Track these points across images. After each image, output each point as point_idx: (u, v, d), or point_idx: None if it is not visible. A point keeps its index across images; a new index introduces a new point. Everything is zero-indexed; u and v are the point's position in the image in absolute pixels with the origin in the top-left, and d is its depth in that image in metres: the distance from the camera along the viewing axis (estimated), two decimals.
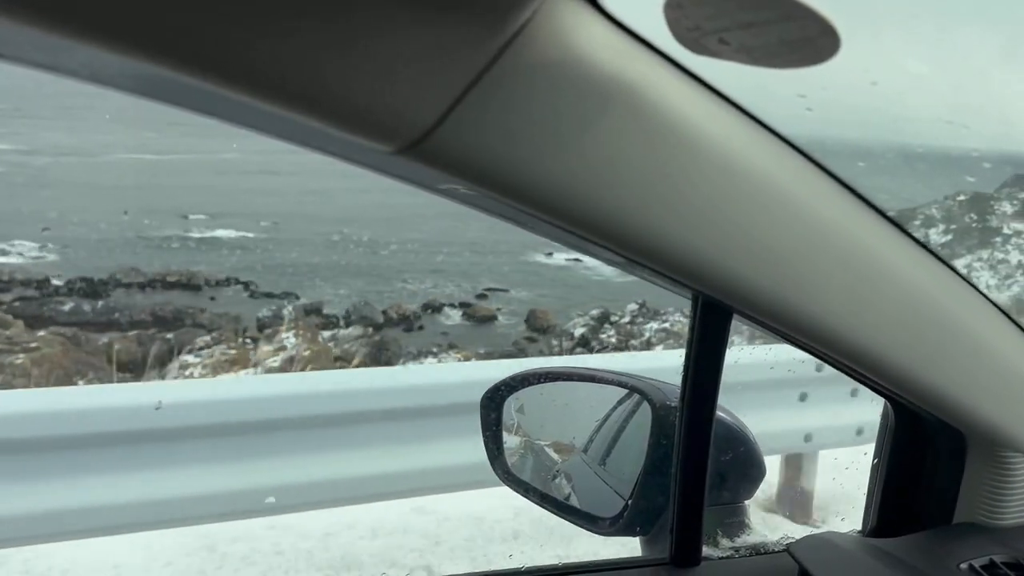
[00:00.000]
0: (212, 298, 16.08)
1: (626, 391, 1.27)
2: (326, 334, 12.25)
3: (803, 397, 3.97)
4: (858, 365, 0.90)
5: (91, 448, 2.84)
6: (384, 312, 15.72)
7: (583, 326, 15.43)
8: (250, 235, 20.18)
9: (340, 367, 9.41)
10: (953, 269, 0.91)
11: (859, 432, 3.96)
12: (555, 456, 1.37)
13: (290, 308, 14.95)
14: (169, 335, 11.53)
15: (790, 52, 0.57)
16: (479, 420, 1.33)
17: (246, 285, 16.81)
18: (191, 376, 8.42)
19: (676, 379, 1.03)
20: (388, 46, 0.49)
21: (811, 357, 0.92)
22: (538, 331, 16.00)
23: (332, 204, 22.38)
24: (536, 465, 1.35)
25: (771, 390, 3.81)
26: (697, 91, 0.66)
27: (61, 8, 0.41)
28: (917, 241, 0.86)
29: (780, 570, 1.08)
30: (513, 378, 1.32)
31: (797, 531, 1.15)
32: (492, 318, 17.09)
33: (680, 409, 1.00)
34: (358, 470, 3.19)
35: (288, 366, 8.54)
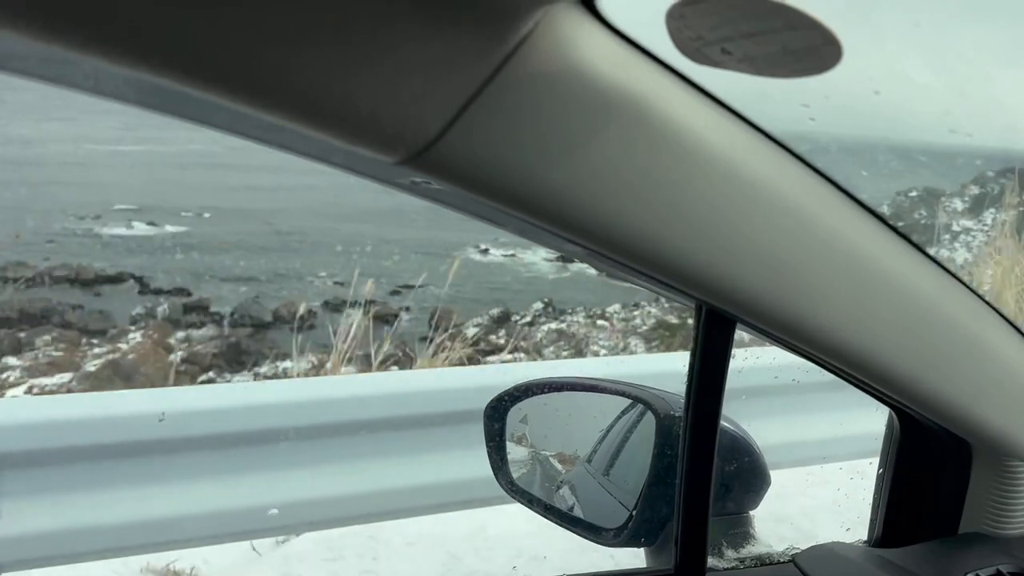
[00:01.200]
0: (98, 294, 15.27)
1: (630, 401, 1.27)
2: (180, 335, 11.63)
3: None
4: (863, 375, 0.90)
5: None
6: (274, 311, 14.94)
7: (476, 326, 15.06)
8: (179, 229, 19.52)
9: (178, 371, 8.89)
10: (958, 279, 0.90)
11: None
12: (559, 467, 1.37)
13: (165, 306, 14.24)
14: (22, 333, 10.81)
15: (793, 62, 0.57)
16: (482, 431, 1.33)
17: (140, 281, 15.98)
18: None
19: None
20: (391, 58, 0.49)
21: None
22: (438, 331, 15.62)
23: (288, 200, 21.91)
24: (540, 476, 1.35)
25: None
26: (699, 101, 0.67)
27: (66, 22, 0.41)
28: (921, 250, 0.86)
29: None
30: (517, 388, 1.32)
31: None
32: (394, 316, 16.50)
33: (684, 419, 1.00)
34: None
35: (110, 370, 7.99)
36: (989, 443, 1.02)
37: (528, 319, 15.12)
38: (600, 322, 14.68)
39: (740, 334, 0.93)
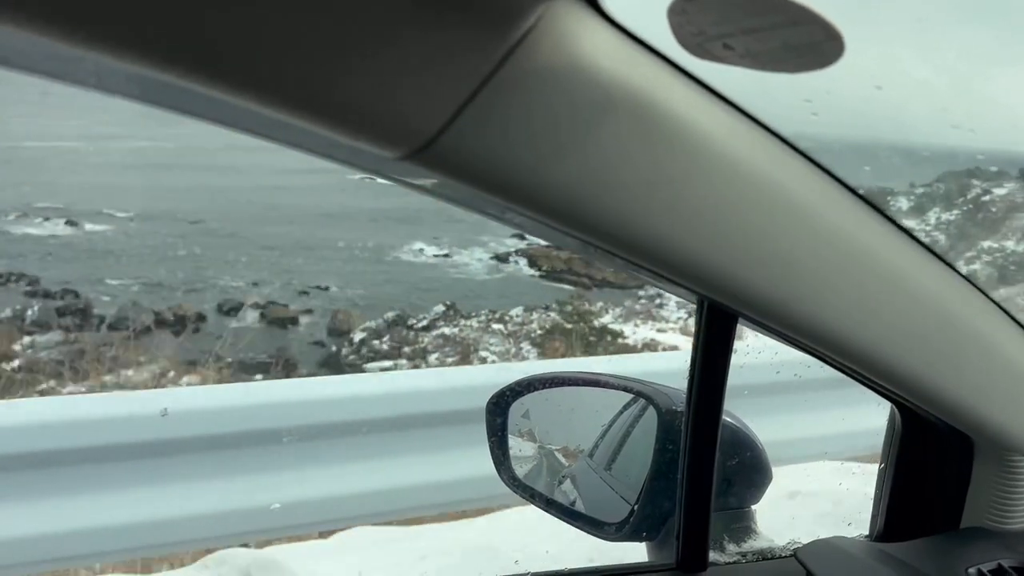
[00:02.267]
0: None
1: (632, 396, 1.27)
2: (27, 340, 11.27)
3: None
4: (865, 369, 0.90)
5: None
6: (157, 313, 14.27)
7: (363, 330, 14.70)
8: (100, 228, 19.05)
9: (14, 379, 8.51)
10: (960, 273, 0.90)
11: None
12: (561, 461, 1.37)
13: (36, 308, 13.67)
14: None
15: (795, 57, 0.57)
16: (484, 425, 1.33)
17: (30, 282, 15.24)
18: None
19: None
20: (392, 53, 0.49)
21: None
22: (335, 335, 15.20)
23: (226, 202, 21.37)
24: (542, 470, 1.35)
25: None
26: (702, 96, 0.67)
27: (70, 19, 0.41)
28: (924, 245, 0.86)
29: (787, 575, 1.08)
30: (519, 383, 1.32)
31: None
32: (291, 320, 15.91)
33: (686, 414, 1.00)
34: None
35: None
36: (991, 438, 1.02)
37: (424, 323, 14.81)
38: (497, 326, 14.50)
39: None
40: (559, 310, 15.11)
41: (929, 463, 1.11)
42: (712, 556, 1.08)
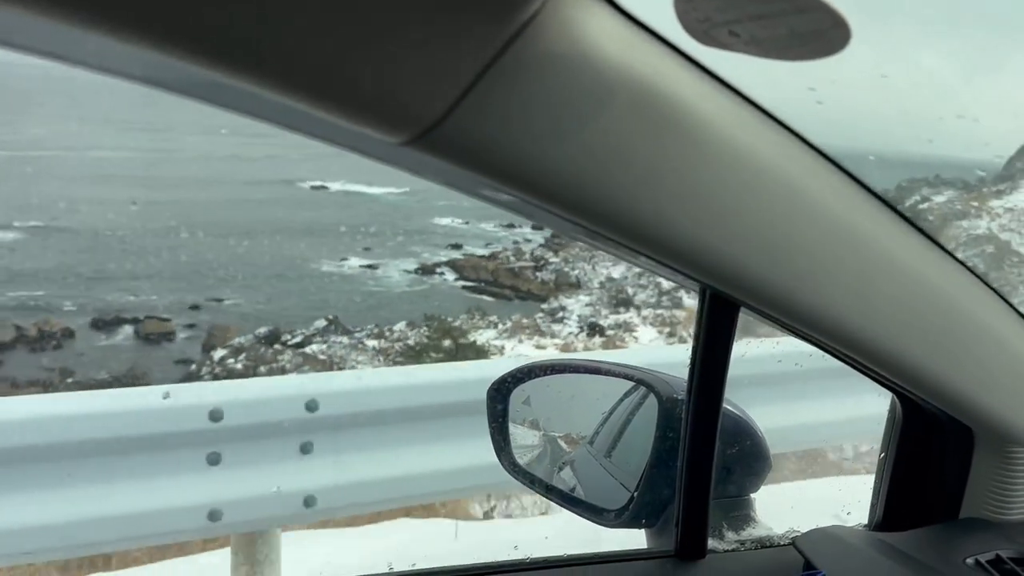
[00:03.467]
0: None
1: (632, 383, 1.27)
2: None
3: None
4: (866, 360, 0.90)
5: None
6: (18, 327, 13.88)
7: (227, 347, 14.55)
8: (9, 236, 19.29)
9: None
10: (963, 264, 0.90)
11: None
12: (561, 448, 1.38)
13: None
14: None
15: (800, 44, 0.57)
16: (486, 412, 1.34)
17: None
18: None
19: None
20: (397, 38, 0.49)
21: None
22: (208, 350, 14.98)
23: (154, 213, 21.31)
24: (542, 457, 1.36)
25: None
26: (706, 83, 0.66)
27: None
28: (927, 235, 0.86)
29: (786, 563, 1.08)
30: (520, 370, 1.33)
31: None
32: (168, 336, 15.68)
33: (687, 402, 1.00)
34: None
35: None
36: (991, 429, 1.02)
37: (299, 339, 14.69)
38: (372, 342, 14.33)
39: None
40: (428, 327, 14.88)
41: (929, 453, 1.11)
42: (711, 544, 1.09)
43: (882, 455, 1.16)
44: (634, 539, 1.20)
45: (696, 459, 1.01)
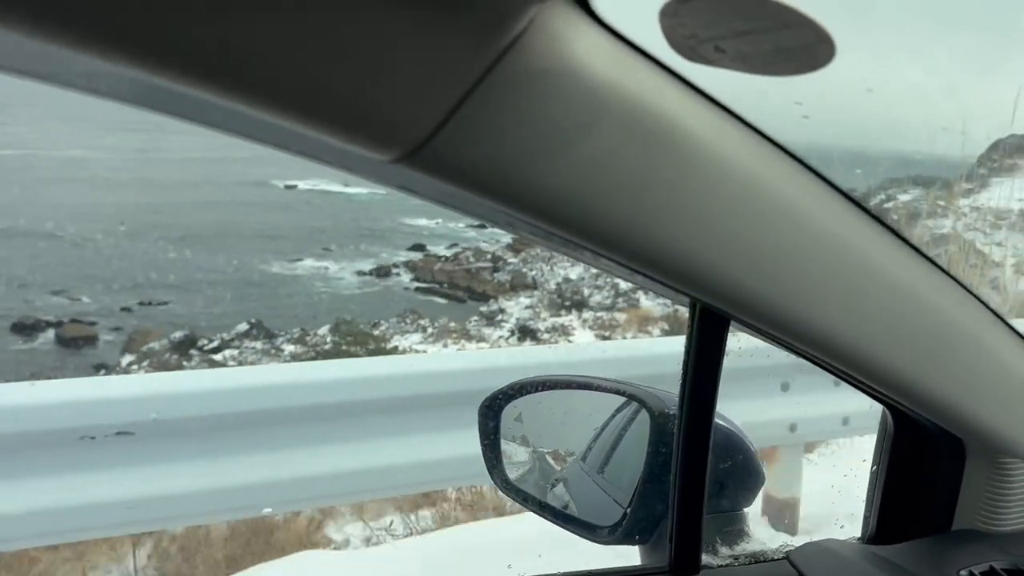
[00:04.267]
0: None
1: (624, 399, 1.27)
2: None
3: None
4: (857, 372, 0.90)
5: None
6: None
7: (137, 353, 14.31)
8: None
9: None
10: (952, 276, 0.91)
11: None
12: (553, 465, 1.37)
13: None
14: None
15: (786, 60, 0.57)
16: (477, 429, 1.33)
17: None
18: None
19: None
20: (384, 56, 0.49)
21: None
22: (129, 354, 14.74)
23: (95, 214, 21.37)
24: (534, 474, 1.35)
25: None
26: (693, 99, 0.67)
27: (60, 20, 0.41)
28: (915, 248, 0.86)
29: None
30: (511, 387, 1.32)
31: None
32: (89, 340, 15.42)
33: (678, 417, 1.00)
34: None
35: None
36: (982, 440, 1.02)
37: (215, 344, 14.44)
38: (290, 348, 14.16)
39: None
40: (337, 331, 14.66)
41: (921, 465, 1.11)
42: (705, 559, 1.08)
43: (874, 468, 1.16)
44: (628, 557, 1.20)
45: (689, 474, 1.00)
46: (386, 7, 0.47)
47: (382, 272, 20.95)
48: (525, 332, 16.42)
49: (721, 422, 1.09)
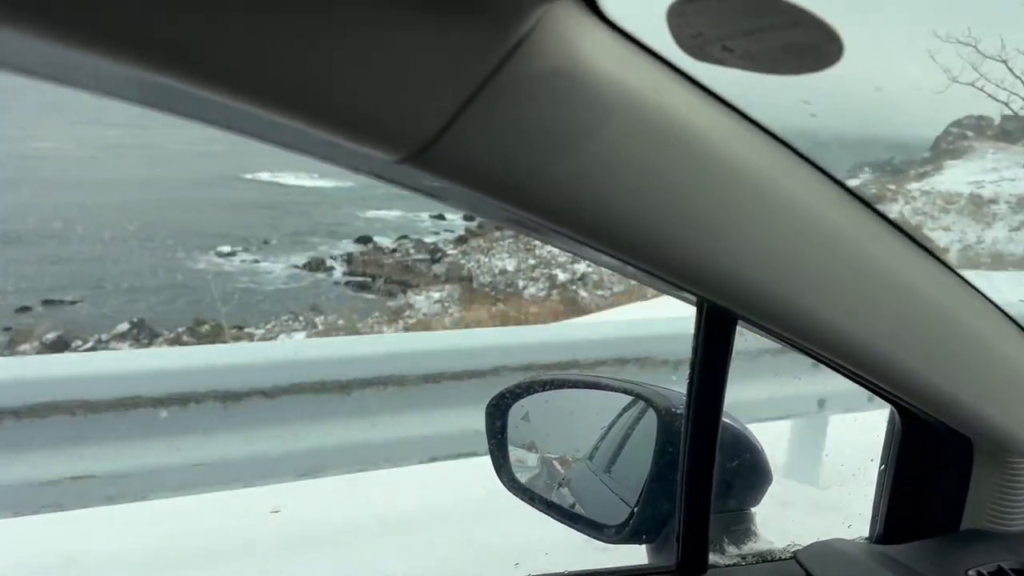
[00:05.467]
0: None
1: (631, 398, 1.27)
2: None
3: None
4: (865, 372, 0.90)
5: None
6: None
7: (12, 353, 13.66)
8: None
9: None
10: (960, 276, 0.91)
11: None
12: (560, 464, 1.37)
13: None
14: None
15: (794, 59, 0.57)
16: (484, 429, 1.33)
17: None
18: None
19: None
20: (392, 56, 0.49)
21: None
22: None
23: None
24: (542, 473, 1.35)
25: None
26: (701, 98, 0.67)
27: (67, 20, 0.41)
28: (923, 247, 0.86)
29: None
30: (518, 386, 1.32)
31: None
32: None
33: (685, 416, 1.00)
34: None
35: None
36: (991, 440, 1.02)
37: (90, 344, 14.12)
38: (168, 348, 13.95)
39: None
40: (197, 330, 14.35)
41: (929, 465, 1.11)
42: (712, 558, 1.08)
43: (882, 467, 1.16)
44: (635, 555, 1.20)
45: (696, 473, 1.00)
46: (393, 7, 0.47)
47: (314, 266, 20.52)
48: (426, 329, 16.13)
49: (728, 421, 1.09)
